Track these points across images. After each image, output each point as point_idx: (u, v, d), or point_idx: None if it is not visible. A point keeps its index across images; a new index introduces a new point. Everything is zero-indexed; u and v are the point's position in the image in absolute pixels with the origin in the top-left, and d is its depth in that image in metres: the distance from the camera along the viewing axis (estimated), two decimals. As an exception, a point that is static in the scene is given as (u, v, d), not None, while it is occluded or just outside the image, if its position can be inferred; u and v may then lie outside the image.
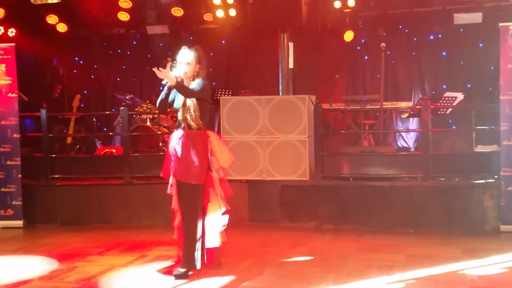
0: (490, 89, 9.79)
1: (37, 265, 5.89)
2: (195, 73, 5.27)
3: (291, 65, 9.03)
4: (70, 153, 10.07)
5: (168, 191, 5.42)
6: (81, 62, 12.34)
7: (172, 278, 5.19)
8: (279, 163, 7.79)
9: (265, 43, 10.44)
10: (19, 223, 7.86)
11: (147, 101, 10.31)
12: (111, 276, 5.42)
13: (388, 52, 10.33)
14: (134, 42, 12.04)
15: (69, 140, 10.41)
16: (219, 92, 10.10)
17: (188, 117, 5.19)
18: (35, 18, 10.89)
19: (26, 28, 10.77)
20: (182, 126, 5.24)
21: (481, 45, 10.46)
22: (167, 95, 5.29)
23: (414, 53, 10.98)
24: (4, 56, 7.93)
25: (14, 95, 7.95)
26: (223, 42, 11.63)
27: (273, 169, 7.81)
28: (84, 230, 7.63)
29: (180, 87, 5.12)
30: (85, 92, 11.98)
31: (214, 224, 5.33)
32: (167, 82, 5.18)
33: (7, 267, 5.90)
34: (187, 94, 5.17)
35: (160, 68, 5.02)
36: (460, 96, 9.29)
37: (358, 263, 5.65)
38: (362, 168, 7.86)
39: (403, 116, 10.46)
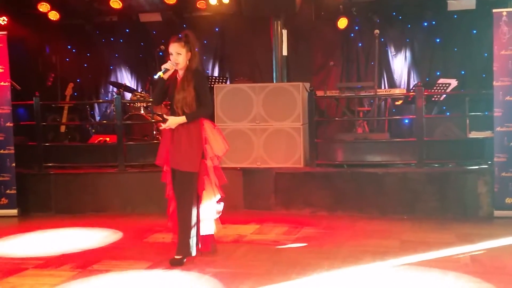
0: (484, 75, 9.79)
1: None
2: (188, 61, 5.25)
3: (284, 53, 9.02)
4: (63, 142, 10.04)
5: (163, 179, 5.42)
6: (73, 50, 12.27)
7: (168, 265, 5.20)
8: (273, 151, 7.80)
9: (258, 30, 10.41)
10: (14, 212, 7.85)
11: (141, 89, 10.29)
12: (106, 264, 5.42)
13: (382, 39, 10.32)
14: (127, 30, 11.97)
15: (62, 128, 10.38)
16: (213, 80, 10.08)
17: (184, 106, 5.17)
18: (26, 6, 10.82)
19: (18, 16, 10.70)
20: (177, 114, 5.21)
21: (474, 31, 10.46)
22: (163, 87, 5.27)
23: (408, 40, 10.98)
24: (-4, 45, 7.88)
25: (6, 83, 7.90)
26: (217, 29, 11.59)
27: (267, 157, 7.82)
28: (79, 219, 7.62)
29: (195, 117, 5.18)
30: (78, 80, 11.94)
31: (208, 212, 5.34)
32: (160, 76, 5.18)
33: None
34: (206, 114, 5.29)
35: (165, 118, 5.18)
36: (453, 82, 9.31)
37: (352, 249, 5.68)
38: (357, 155, 7.88)
39: (397, 103, 10.47)
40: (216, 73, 11.46)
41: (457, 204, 7.16)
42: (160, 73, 5.19)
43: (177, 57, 5.19)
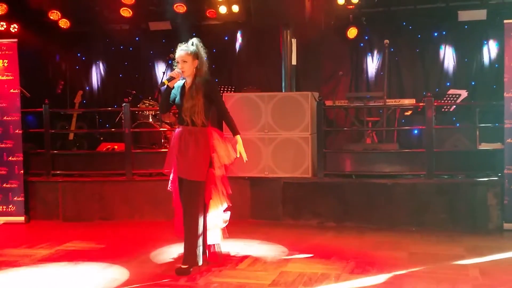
0: (494, 86, 9.74)
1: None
2: (196, 69, 5.24)
3: (294, 62, 9.00)
4: (72, 149, 10.06)
5: (169, 187, 5.41)
6: (83, 58, 12.31)
7: (174, 274, 5.17)
8: (281, 160, 7.77)
9: (268, 39, 10.41)
10: (21, 219, 7.86)
11: (150, 97, 10.29)
12: (113, 271, 5.40)
13: (392, 49, 10.29)
14: (137, 38, 12.00)
15: (71, 136, 10.40)
16: (222, 89, 10.07)
17: (193, 114, 5.16)
18: (37, 14, 10.87)
19: (28, 24, 10.77)
20: (186, 122, 5.21)
21: (485, 42, 10.42)
22: (168, 96, 5.27)
23: (417, 50, 10.93)
24: (6, 52, 7.92)
25: (16, 91, 7.94)
26: (226, 38, 11.60)
27: (275, 166, 7.78)
28: (86, 226, 7.62)
29: (235, 126, 5.37)
30: (87, 88, 11.97)
31: (215, 221, 5.32)
32: (164, 84, 5.18)
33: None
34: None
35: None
36: (464, 93, 9.25)
37: (360, 260, 5.62)
38: (365, 166, 7.83)
39: (406, 114, 10.41)
40: (225, 82, 11.45)
41: (467, 216, 7.10)
42: (164, 80, 5.19)
43: (183, 65, 5.19)
